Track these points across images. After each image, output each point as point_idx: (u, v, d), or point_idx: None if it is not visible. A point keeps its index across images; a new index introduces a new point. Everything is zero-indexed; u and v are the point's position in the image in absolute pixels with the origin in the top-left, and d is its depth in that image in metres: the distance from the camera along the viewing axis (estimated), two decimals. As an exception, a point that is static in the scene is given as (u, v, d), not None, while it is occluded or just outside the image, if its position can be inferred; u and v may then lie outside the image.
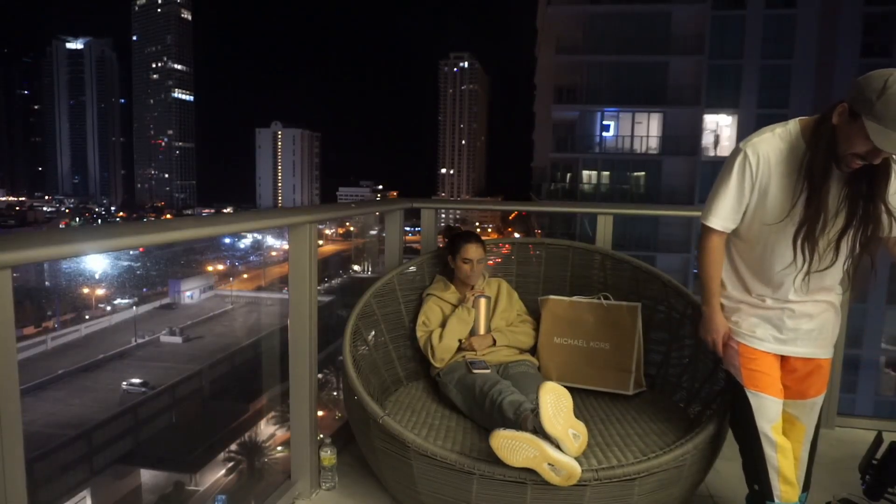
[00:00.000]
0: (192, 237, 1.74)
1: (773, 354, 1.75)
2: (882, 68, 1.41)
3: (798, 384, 1.77)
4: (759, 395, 1.71)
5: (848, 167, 1.50)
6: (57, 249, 1.22)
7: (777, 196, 1.62)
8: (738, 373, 1.75)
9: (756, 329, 1.75)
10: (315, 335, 2.14)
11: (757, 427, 1.70)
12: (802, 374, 1.77)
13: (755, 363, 1.73)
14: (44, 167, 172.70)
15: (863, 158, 1.46)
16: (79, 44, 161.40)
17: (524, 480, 1.75)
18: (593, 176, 23.47)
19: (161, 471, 22.71)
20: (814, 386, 1.78)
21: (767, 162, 1.61)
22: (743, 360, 1.74)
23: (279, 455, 23.45)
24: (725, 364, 1.83)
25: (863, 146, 1.42)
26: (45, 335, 33.05)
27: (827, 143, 1.50)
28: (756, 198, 1.66)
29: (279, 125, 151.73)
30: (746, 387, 1.72)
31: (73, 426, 22.36)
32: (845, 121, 1.46)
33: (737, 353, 1.76)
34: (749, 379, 1.73)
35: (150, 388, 26.45)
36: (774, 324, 1.74)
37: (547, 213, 20.07)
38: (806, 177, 1.56)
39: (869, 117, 1.37)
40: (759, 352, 1.74)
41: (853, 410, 14.77)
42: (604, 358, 2.49)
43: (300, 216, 2.11)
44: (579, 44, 22.54)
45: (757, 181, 1.64)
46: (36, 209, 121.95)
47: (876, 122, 1.36)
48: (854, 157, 1.47)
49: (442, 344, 2.45)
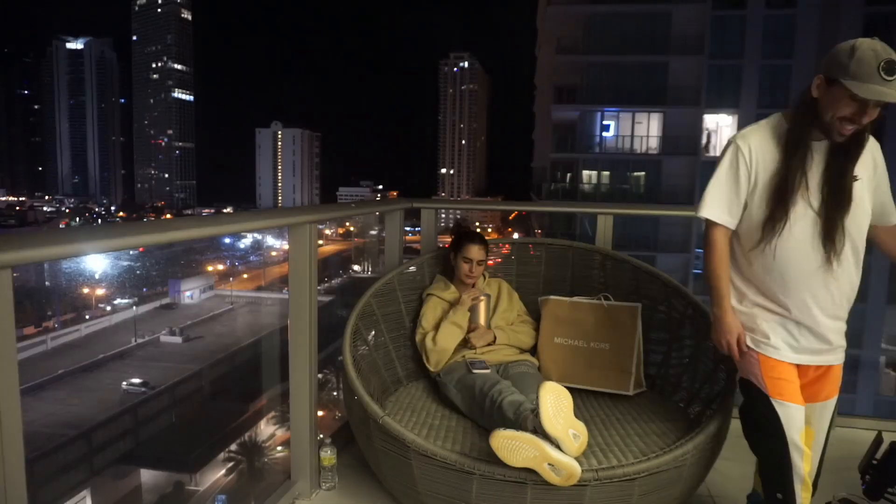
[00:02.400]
0: (192, 237, 1.75)
1: (791, 364, 1.71)
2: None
3: (809, 387, 1.73)
4: (785, 404, 1.66)
5: (840, 134, 1.51)
6: (57, 249, 1.22)
7: (769, 180, 1.63)
8: (760, 382, 1.70)
9: (771, 336, 1.70)
10: (315, 335, 2.14)
11: (787, 436, 1.65)
12: (813, 378, 1.74)
13: (776, 371, 1.68)
14: (44, 167, 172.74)
15: (851, 121, 1.48)
16: (79, 44, 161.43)
17: (524, 480, 1.75)
18: (593, 176, 23.48)
19: (161, 471, 22.70)
20: (825, 388, 1.74)
21: (759, 151, 1.64)
22: (764, 368, 1.69)
23: (279, 455, 23.44)
24: (744, 373, 1.75)
25: (847, 107, 1.47)
26: (45, 335, 33.07)
27: (809, 113, 1.55)
28: (755, 188, 1.65)
29: (279, 125, 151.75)
30: (772, 396, 1.67)
31: (73, 426, 22.36)
32: (824, 90, 1.51)
33: (757, 361, 1.70)
34: (774, 388, 1.67)
35: (150, 388, 26.46)
36: (789, 330, 1.69)
37: (547, 213, 20.06)
38: (783, 147, 1.60)
39: (846, 78, 1.44)
40: (777, 360, 1.69)
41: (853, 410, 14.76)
42: (604, 358, 2.48)
43: (300, 216, 2.11)
44: (579, 44, 22.54)
45: (752, 170, 1.64)
46: (36, 209, 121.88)
47: (853, 80, 1.43)
48: (842, 122, 1.49)
49: (437, 347, 2.43)
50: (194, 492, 22.64)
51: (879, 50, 1.41)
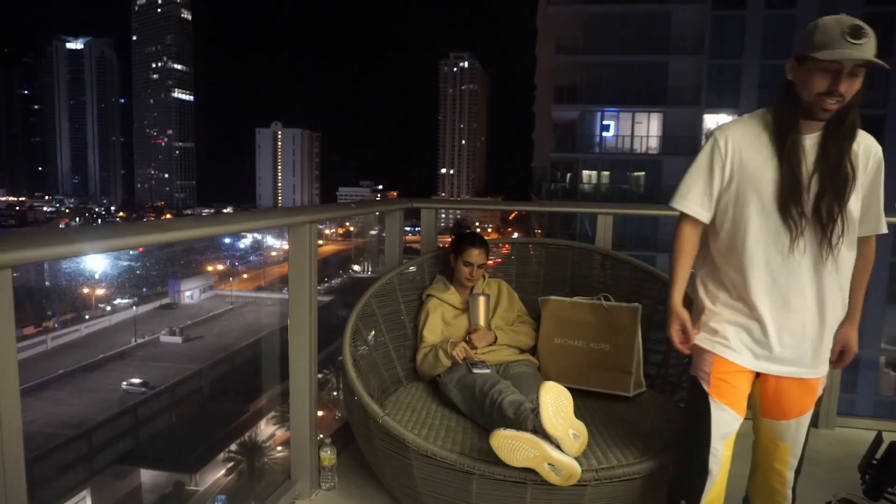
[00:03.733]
0: (192, 237, 1.75)
1: (749, 370, 1.60)
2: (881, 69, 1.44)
3: (777, 403, 1.61)
4: (722, 406, 1.59)
5: (823, 110, 1.47)
6: (57, 249, 1.22)
7: (753, 172, 1.56)
8: (706, 380, 1.61)
9: (732, 339, 1.59)
10: (315, 335, 2.14)
11: (711, 440, 1.59)
12: (788, 395, 1.60)
13: (727, 374, 1.59)
14: (44, 167, 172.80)
15: (829, 94, 1.44)
16: (79, 44, 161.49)
17: (524, 480, 1.75)
18: (593, 176, 23.48)
19: (161, 471, 22.72)
20: (796, 406, 1.61)
21: (739, 143, 1.58)
22: (715, 368, 1.60)
23: (279, 455, 23.46)
24: (694, 370, 1.67)
25: (821, 80, 1.44)
26: (45, 335, 33.10)
27: (788, 97, 1.52)
28: (730, 182, 1.58)
29: (279, 125, 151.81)
30: (711, 395, 1.60)
31: (73, 426, 22.39)
32: (797, 70, 1.50)
33: (710, 361, 1.61)
34: (716, 388, 1.60)
35: (150, 388, 26.48)
36: (755, 336, 1.58)
37: (547, 213, 20.04)
38: (774, 134, 1.54)
39: (813, 50, 1.43)
40: (733, 364, 1.59)
41: (853, 410, 14.77)
42: (604, 359, 2.48)
43: (300, 216, 2.11)
44: (579, 44, 22.54)
45: (728, 163, 1.58)
46: (36, 209, 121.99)
47: (820, 49, 1.42)
48: (823, 98, 1.45)
49: (422, 369, 2.50)
50: (194, 492, 22.66)
51: (843, 19, 1.42)
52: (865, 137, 1.55)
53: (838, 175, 1.49)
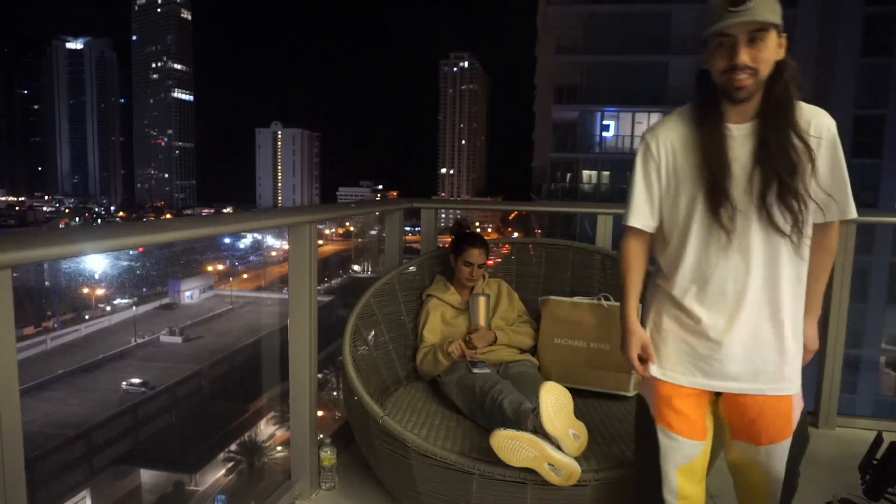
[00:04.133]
0: (192, 237, 1.74)
1: (702, 390, 1.45)
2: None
3: (747, 426, 1.44)
4: (670, 434, 1.45)
5: (736, 88, 1.34)
6: (57, 249, 1.22)
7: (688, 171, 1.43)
8: (653, 405, 1.49)
9: (678, 360, 1.46)
10: (315, 335, 2.14)
11: (660, 469, 1.46)
12: (753, 414, 1.42)
13: (673, 401, 1.45)
14: (44, 167, 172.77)
15: (734, 69, 1.34)
16: (79, 44, 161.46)
17: (524, 480, 1.75)
18: (593, 176, 23.49)
19: (161, 471, 22.73)
20: (768, 430, 1.42)
21: (670, 143, 1.45)
22: (660, 395, 1.47)
23: (279, 455, 23.46)
24: (641, 389, 1.56)
25: (720, 57, 1.36)
26: (45, 335, 33.08)
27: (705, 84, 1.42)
28: (668, 186, 1.46)
29: (279, 125, 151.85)
30: (657, 422, 1.47)
31: (73, 426, 22.38)
32: (705, 55, 1.42)
33: (654, 388, 1.48)
34: (660, 415, 1.46)
35: (150, 388, 26.47)
36: (700, 352, 1.43)
37: (547, 213, 20.05)
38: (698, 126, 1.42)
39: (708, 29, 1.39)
40: (681, 388, 1.45)
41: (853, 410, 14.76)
42: (604, 359, 2.48)
43: (300, 216, 2.11)
44: (579, 44, 22.56)
45: (662, 166, 1.45)
46: (36, 209, 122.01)
47: (709, 26, 1.38)
48: (729, 75, 1.34)
49: (422, 369, 2.51)
50: (194, 492, 22.66)
51: None
52: (816, 114, 1.39)
53: (783, 158, 1.33)
